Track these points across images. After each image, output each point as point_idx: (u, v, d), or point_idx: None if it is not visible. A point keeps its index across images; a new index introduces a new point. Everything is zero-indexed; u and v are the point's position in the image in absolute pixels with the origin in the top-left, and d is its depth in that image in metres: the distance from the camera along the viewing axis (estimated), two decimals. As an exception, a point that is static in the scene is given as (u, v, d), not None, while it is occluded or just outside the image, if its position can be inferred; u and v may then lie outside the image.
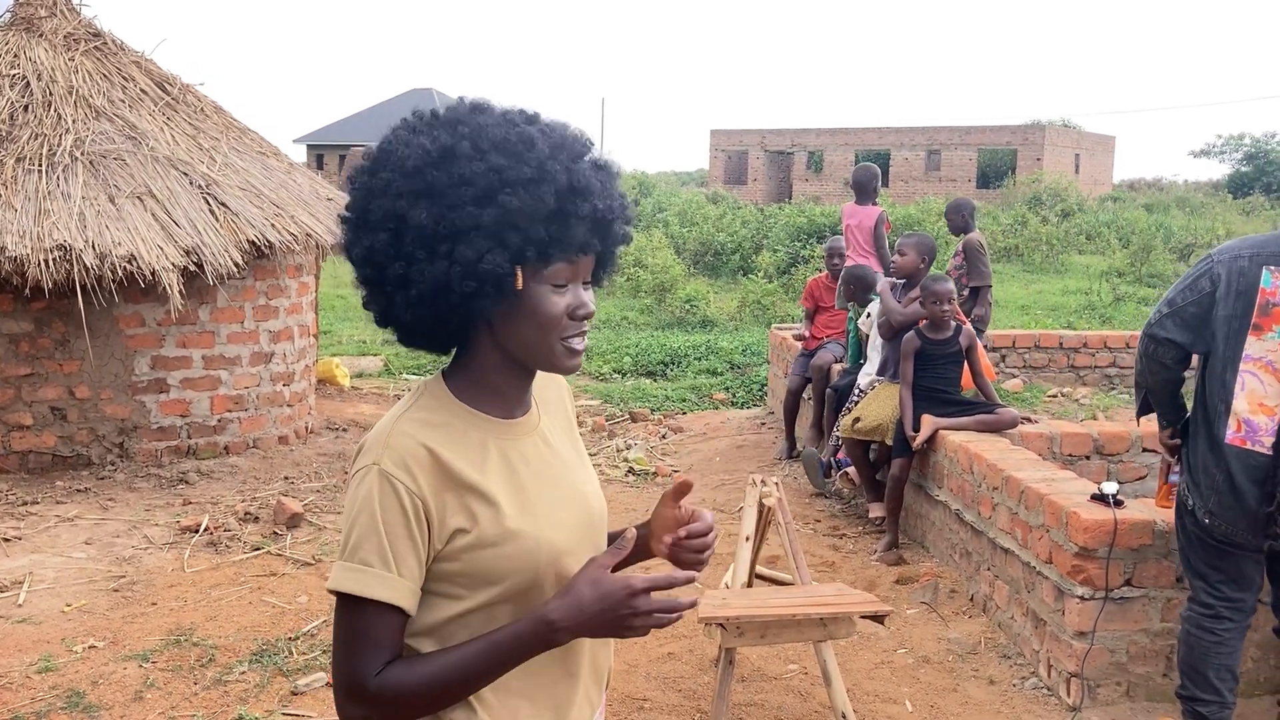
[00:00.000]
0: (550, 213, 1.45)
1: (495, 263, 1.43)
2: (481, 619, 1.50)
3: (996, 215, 25.66)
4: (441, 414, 1.53)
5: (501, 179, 1.43)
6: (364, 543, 1.44)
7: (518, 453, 1.57)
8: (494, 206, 1.43)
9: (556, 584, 1.52)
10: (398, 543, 1.44)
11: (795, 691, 4.12)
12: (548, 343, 1.52)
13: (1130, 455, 5.80)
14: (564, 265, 1.49)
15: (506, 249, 1.44)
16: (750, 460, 7.68)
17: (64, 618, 4.67)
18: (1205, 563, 3.40)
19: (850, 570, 5.40)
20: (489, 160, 1.43)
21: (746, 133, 45.67)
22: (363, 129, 42.83)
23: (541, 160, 1.45)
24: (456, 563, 1.48)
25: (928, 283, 5.68)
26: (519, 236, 1.44)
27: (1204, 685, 3.43)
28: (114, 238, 6.40)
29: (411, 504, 1.45)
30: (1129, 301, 16.19)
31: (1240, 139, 49.10)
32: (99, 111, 7.19)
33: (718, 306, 15.73)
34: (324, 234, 7.42)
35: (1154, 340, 3.39)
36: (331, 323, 13.83)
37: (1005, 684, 4.19)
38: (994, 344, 9.31)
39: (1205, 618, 3.42)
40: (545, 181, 1.44)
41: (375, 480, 1.45)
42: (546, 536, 1.52)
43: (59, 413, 6.81)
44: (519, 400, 1.60)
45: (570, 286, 1.52)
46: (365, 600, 1.44)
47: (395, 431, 1.48)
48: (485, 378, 1.56)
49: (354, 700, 1.45)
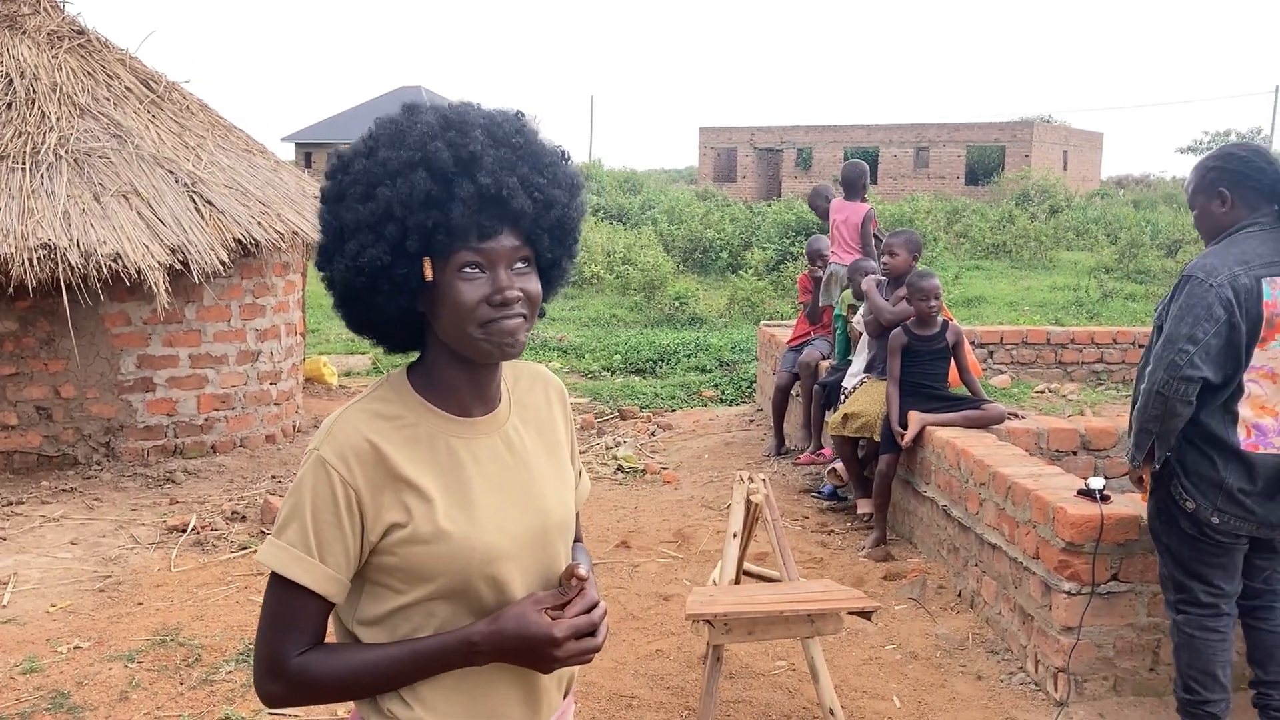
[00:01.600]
0: (429, 196, 1.42)
1: (375, 255, 1.44)
2: (420, 614, 1.51)
3: (985, 212, 25.73)
4: (395, 406, 1.53)
5: (384, 170, 1.44)
6: (290, 524, 1.47)
7: (469, 452, 1.55)
8: (372, 200, 1.44)
9: (489, 588, 1.52)
10: (324, 530, 1.46)
11: (783, 688, 4.12)
12: (466, 332, 1.47)
13: (1117, 450, 5.82)
14: (468, 251, 1.45)
15: (385, 240, 1.44)
16: (739, 457, 7.69)
17: (49, 618, 4.64)
18: (1204, 562, 3.41)
19: (838, 566, 5.40)
20: (377, 155, 1.45)
21: (735, 130, 45.70)
22: (351, 127, 42.69)
23: (425, 140, 1.43)
24: (393, 557, 1.49)
25: (914, 279, 5.68)
26: (396, 227, 1.43)
27: (1214, 685, 3.43)
28: (99, 236, 6.36)
29: (344, 494, 1.46)
30: (1116, 298, 16.25)
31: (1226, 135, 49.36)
32: (83, 109, 7.15)
33: (707, 304, 15.74)
34: (311, 232, 7.39)
35: (1186, 382, 3.21)
36: (319, 321, 13.79)
37: (993, 679, 4.19)
38: (982, 340, 9.34)
39: (1207, 617, 3.43)
40: (423, 164, 1.42)
41: (312, 466, 1.47)
42: (482, 539, 1.51)
43: (44, 412, 6.77)
44: (478, 397, 1.58)
45: (488, 274, 1.46)
46: (288, 581, 1.46)
47: (341, 421, 1.50)
48: (438, 373, 1.56)
49: (271, 677, 1.48)
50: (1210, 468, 3.30)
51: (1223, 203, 3.39)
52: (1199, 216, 3.49)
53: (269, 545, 1.48)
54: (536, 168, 1.49)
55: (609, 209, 26.71)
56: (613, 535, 5.88)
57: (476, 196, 1.43)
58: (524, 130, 1.51)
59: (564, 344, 12.77)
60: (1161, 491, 3.46)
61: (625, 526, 6.06)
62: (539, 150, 1.51)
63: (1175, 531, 3.45)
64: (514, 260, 1.49)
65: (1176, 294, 3.33)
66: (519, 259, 1.50)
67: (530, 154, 1.49)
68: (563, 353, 12.41)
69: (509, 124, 1.50)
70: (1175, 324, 3.26)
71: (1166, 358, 3.25)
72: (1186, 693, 3.49)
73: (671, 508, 6.47)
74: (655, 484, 7.14)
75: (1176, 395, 3.24)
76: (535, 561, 1.57)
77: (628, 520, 6.21)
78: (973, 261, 21.13)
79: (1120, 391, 9.15)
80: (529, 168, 1.48)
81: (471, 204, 1.43)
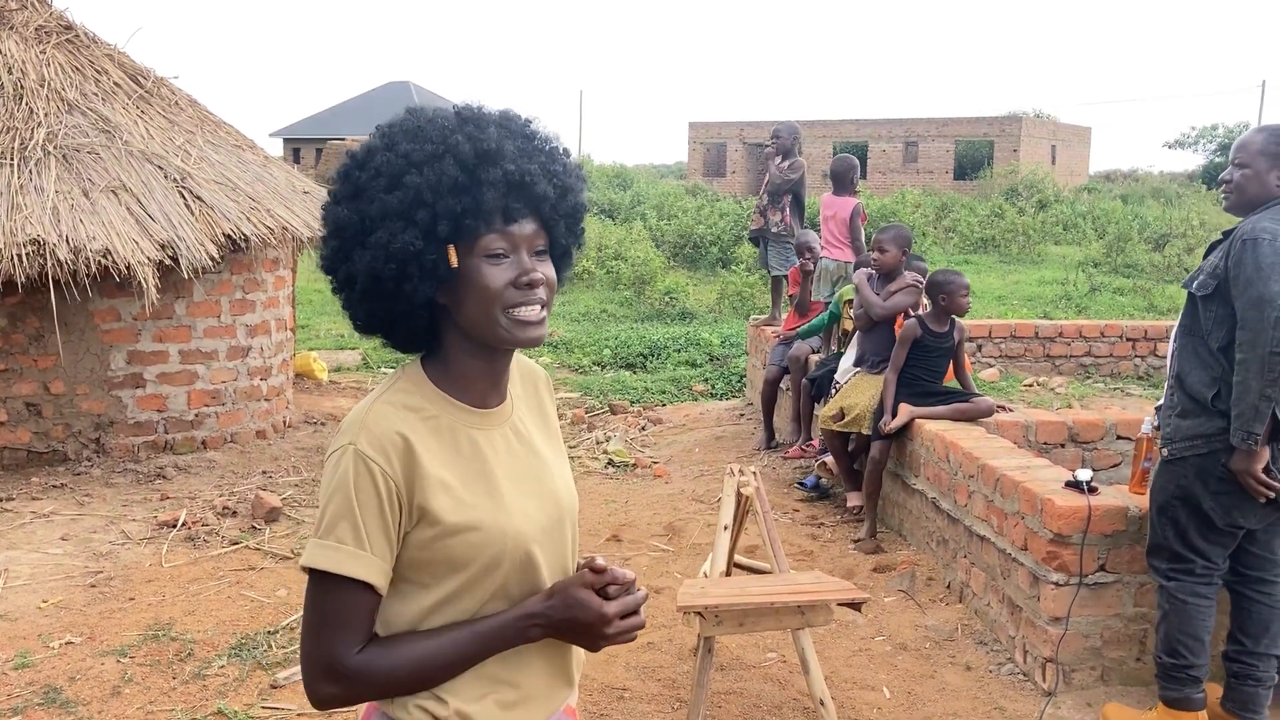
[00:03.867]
0: (457, 183, 1.45)
1: (407, 241, 1.46)
2: (450, 609, 1.53)
3: (974, 206, 25.78)
4: (416, 398, 1.55)
5: (408, 162, 1.47)
6: (339, 521, 1.46)
7: (488, 442, 1.58)
8: (400, 189, 1.46)
9: (520, 572, 1.55)
10: (370, 522, 1.46)
11: (774, 679, 4.15)
12: (491, 316, 1.50)
13: (1104, 443, 5.86)
14: (494, 236, 1.49)
15: (416, 226, 1.46)
16: (729, 451, 7.71)
17: (40, 614, 4.64)
18: (1210, 540, 3.49)
19: (828, 559, 5.43)
20: (398, 149, 1.49)
21: (725, 125, 45.66)
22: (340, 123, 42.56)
23: (445, 134, 1.48)
24: (423, 550, 1.50)
25: (950, 277, 5.67)
26: (427, 212, 1.46)
27: (1199, 649, 3.52)
28: (88, 232, 6.35)
29: (385, 486, 1.47)
30: (1104, 291, 16.32)
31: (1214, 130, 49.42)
32: (72, 105, 7.13)
33: (697, 298, 15.77)
34: (300, 227, 7.39)
35: None
36: (309, 317, 13.77)
37: (982, 670, 4.22)
38: (971, 334, 9.37)
39: (1200, 584, 3.52)
40: (448, 154, 1.46)
41: (351, 460, 1.47)
42: (512, 525, 1.54)
43: (34, 408, 6.76)
44: (492, 388, 1.61)
45: (512, 258, 1.50)
46: (339, 578, 1.46)
47: (373, 414, 1.51)
48: (456, 365, 1.58)
49: (329, 679, 1.47)
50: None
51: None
52: (1248, 177, 3.42)
53: (316, 548, 1.47)
54: (551, 158, 1.55)
55: (599, 204, 26.70)
56: (604, 529, 5.89)
57: (503, 181, 1.47)
58: (533, 126, 1.58)
59: (554, 339, 12.78)
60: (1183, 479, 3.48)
61: (616, 520, 6.08)
62: (551, 143, 1.57)
63: (1190, 511, 3.48)
64: (534, 246, 1.53)
65: (1242, 256, 3.27)
66: (538, 245, 1.54)
67: (543, 146, 1.56)
68: (553, 348, 12.41)
69: (519, 120, 1.56)
70: (1264, 284, 3.20)
71: (1270, 317, 3.19)
72: (1171, 656, 3.56)
73: (662, 501, 6.49)
74: (646, 478, 7.16)
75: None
76: (555, 545, 1.61)
77: (619, 514, 6.22)
78: (961, 256, 21.18)
79: (1108, 384, 9.20)
80: (545, 157, 1.54)
81: (499, 188, 1.47)
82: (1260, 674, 3.57)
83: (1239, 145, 3.50)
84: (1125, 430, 5.75)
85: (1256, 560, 3.59)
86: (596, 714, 3.83)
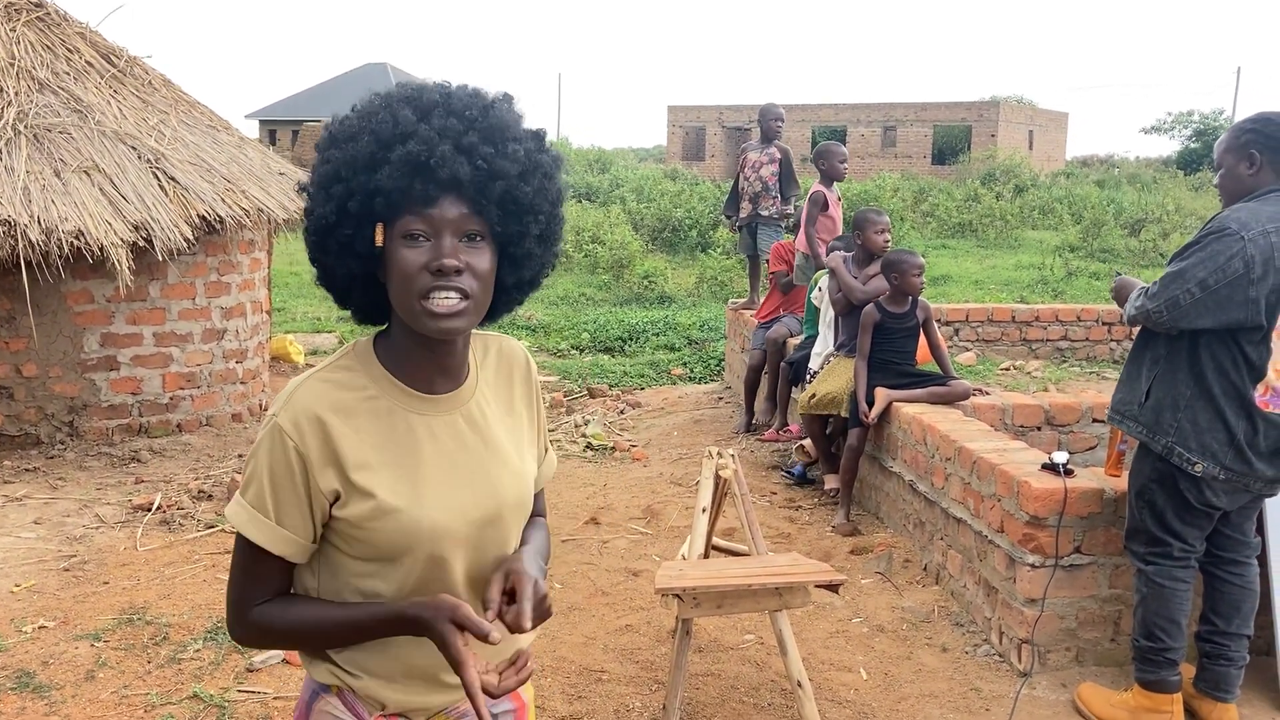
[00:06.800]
0: (372, 159, 1.44)
1: (323, 215, 1.49)
2: (366, 586, 1.57)
3: (951, 191, 25.86)
4: (360, 376, 1.55)
5: (332, 138, 1.51)
6: (250, 485, 1.53)
7: (427, 429, 1.56)
8: (327, 164, 1.49)
9: (431, 566, 1.55)
10: (281, 494, 1.51)
11: (751, 661, 4.16)
12: (409, 301, 1.46)
13: (1080, 426, 5.90)
14: (412, 217, 1.44)
15: (333, 200, 1.47)
16: (708, 434, 7.72)
17: (13, 598, 4.60)
18: (1188, 523, 3.52)
19: (806, 541, 5.45)
20: (338, 124, 1.52)
21: (704, 109, 45.60)
22: (316, 104, 42.21)
23: (373, 112, 1.48)
24: (341, 525, 1.53)
25: (903, 256, 5.67)
26: (342, 187, 1.46)
27: (1176, 632, 3.55)
28: (60, 213, 6.27)
29: (298, 461, 1.49)
30: (1081, 276, 16.40)
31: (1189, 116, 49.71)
32: (43, 84, 7.03)
33: (675, 282, 15.74)
34: (276, 209, 7.32)
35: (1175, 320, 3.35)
36: (285, 299, 13.67)
37: (958, 651, 4.25)
38: (948, 318, 9.41)
39: (1177, 568, 3.55)
40: (367, 132, 1.46)
41: (269, 432, 1.51)
42: (429, 516, 1.53)
43: (6, 391, 6.68)
44: (440, 372, 1.58)
45: (432, 241, 1.45)
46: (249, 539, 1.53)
47: (302, 389, 1.53)
48: (398, 345, 1.57)
49: (237, 621, 1.57)
50: (1221, 426, 3.37)
51: (1250, 165, 3.43)
52: (1225, 176, 3.51)
53: (234, 503, 1.55)
54: (488, 139, 1.46)
55: (577, 188, 26.61)
56: (582, 512, 5.89)
57: (404, 161, 1.43)
58: (489, 106, 1.49)
59: (532, 322, 12.74)
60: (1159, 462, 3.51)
61: (595, 503, 6.08)
62: (498, 125, 1.48)
63: (1169, 492, 3.51)
64: (461, 231, 1.46)
65: (1205, 238, 3.35)
66: (468, 231, 1.47)
67: (485, 126, 1.47)
68: (531, 331, 12.38)
69: (470, 99, 1.49)
70: (1194, 265, 3.32)
71: (1172, 291, 3.35)
72: (1149, 640, 3.58)
73: (640, 484, 6.49)
74: (624, 461, 7.16)
75: (1161, 325, 3.41)
76: (485, 540, 1.60)
77: (597, 497, 6.22)
78: (939, 240, 21.25)
79: (1084, 368, 9.26)
80: (479, 138, 1.46)
81: (399, 167, 1.43)
82: (1232, 654, 3.62)
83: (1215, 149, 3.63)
84: (1101, 413, 5.79)
85: (1229, 542, 3.63)
86: (574, 696, 3.84)
